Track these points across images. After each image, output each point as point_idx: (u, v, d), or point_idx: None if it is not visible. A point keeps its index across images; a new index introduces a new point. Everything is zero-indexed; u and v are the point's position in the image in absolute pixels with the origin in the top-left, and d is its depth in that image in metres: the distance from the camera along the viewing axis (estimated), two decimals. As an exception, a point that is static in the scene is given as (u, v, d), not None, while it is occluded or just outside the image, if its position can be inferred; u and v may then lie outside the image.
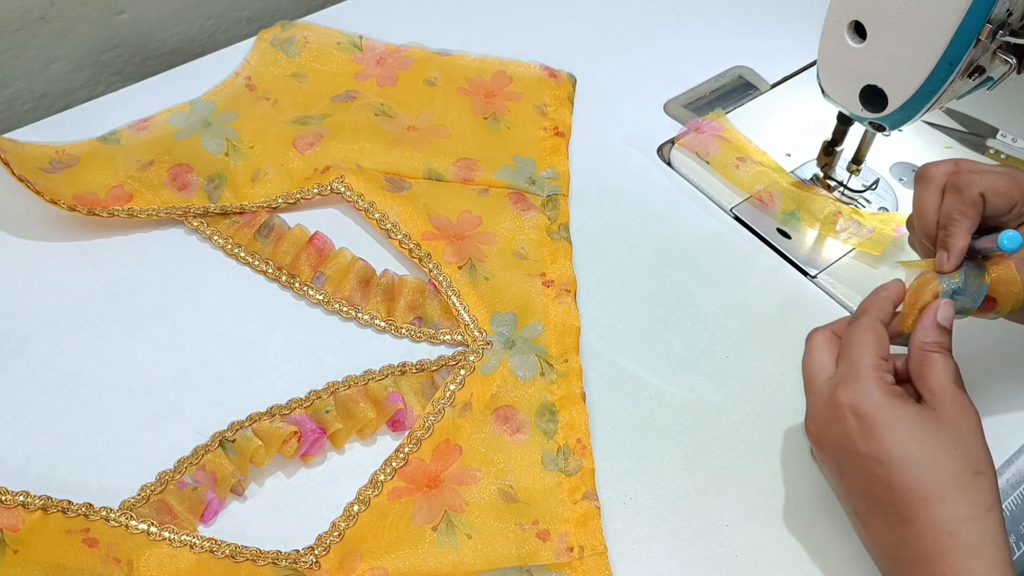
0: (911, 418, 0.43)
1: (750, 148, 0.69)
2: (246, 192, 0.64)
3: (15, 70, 0.74)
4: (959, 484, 0.42)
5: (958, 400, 0.44)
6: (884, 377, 0.45)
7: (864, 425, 0.44)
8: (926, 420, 0.43)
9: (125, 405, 0.55)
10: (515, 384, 0.56)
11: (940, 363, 0.45)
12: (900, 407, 0.44)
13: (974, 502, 0.41)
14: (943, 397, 0.44)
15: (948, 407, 0.44)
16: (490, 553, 0.50)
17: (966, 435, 0.43)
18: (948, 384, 0.45)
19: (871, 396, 0.44)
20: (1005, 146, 0.71)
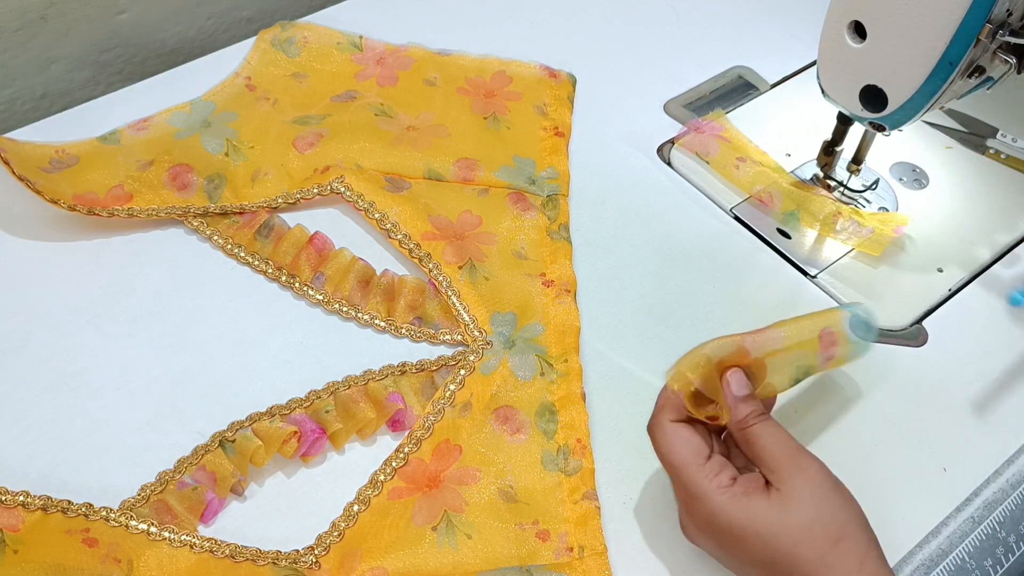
0: (763, 515, 0.44)
1: (750, 148, 0.69)
2: (246, 192, 0.64)
3: (15, 70, 0.74)
4: (826, 562, 0.43)
5: (796, 466, 0.45)
6: (719, 481, 0.45)
7: (728, 538, 0.45)
8: (776, 510, 0.44)
9: (125, 405, 0.55)
10: (515, 384, 0.56)
11: (762, 433, 0.46)
12: (749, 508, 0.44)
13: (842, 572, 0.43)
14: (781, 470, 0.45)
15: (788, 480, 0.44)
16: (490, 553, 0.50)
17: (815, 507, 0.44)
18: (779, 452, 0.45)
19: (720, 511, 0.44)
20: (1005, 146, 0.71)
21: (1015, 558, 0.53)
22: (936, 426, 0.56)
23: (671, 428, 0.47)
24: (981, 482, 0.54)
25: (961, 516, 0.53)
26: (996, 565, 0.53)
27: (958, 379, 0.58)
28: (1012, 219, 0.67)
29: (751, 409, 0.47)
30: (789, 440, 0.46)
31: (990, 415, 0.57)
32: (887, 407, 0.57)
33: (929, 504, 0.53)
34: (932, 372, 0.59)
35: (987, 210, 0.68)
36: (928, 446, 0.55)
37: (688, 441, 0.47)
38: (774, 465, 0.45)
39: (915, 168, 0.70)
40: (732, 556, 0.46)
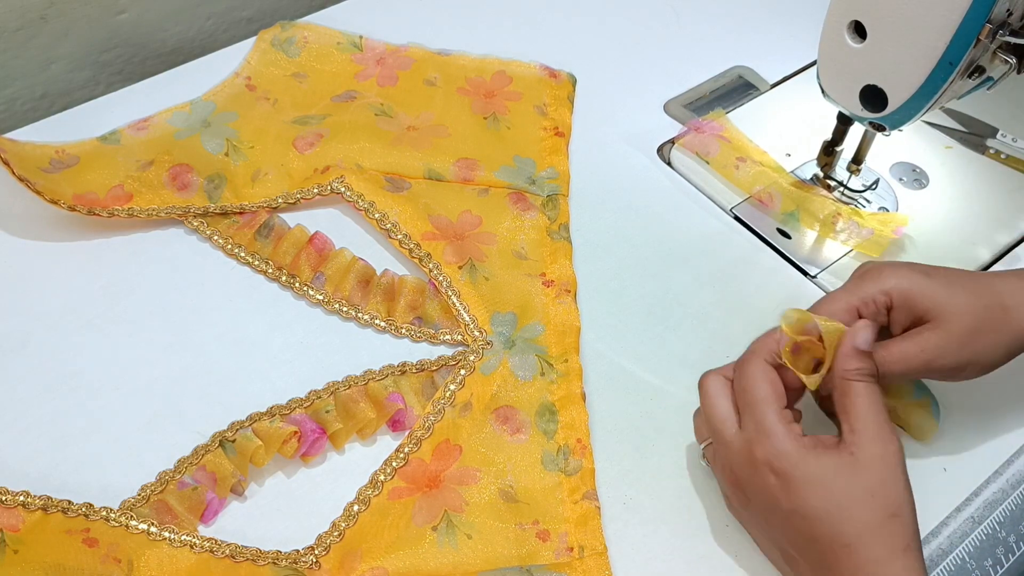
0: (828, 470, 0.44)
1: (750, 148, 0.69)
2: (246, 192, 0.64)
3: (15, 70, 0.74)
4: (876, 530, 0.43)
5: (879, 436, 0.44)
6: (792, 428, 0.45)
7: (783, 482, 0.44)
8: (842, 469, 0.44)
9: (125, 405, 0.55)
10: (515, 384, 0.56)
11: (863, 393, 0.45)
12: (816, 460, 0.44)
13: (890, 545, 0.43)
14: (864, 434, 0.44)
15: (868, 445, 0.44)
16: (490, 553, 0.50)
17: (883, 476, 0.44)
18: (870, 418, 0.44)
19: (786, 454, 0.44)
20: (1005, 146, 0.71)
21: (1015, 558, 0.53)
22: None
23: (762, 365, 0.47)
24: (981, 482, 0.54)
25: (961, 516, 0.53)
26: (996, 565, 0.53)
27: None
28: (1012, 219, 0.67)
29: (865, 365, 0.45)
30: (883, 411, 0.45)
31: (990, 415, 0.57)
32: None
33: (929, 504, 0.53)
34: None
35: (987, 210, 0.68)
36: (928, 446, 0.55)
37: (774, 383, 0.46)
38: (860, 426, 0.44)
39: (915, 168, 0.70)
40: (778, 508, 0.44)
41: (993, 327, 0.48)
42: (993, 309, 0.48)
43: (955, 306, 0.48)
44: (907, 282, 0.49)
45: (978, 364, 0.48)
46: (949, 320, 0.48)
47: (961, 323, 0.48)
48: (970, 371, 0.49)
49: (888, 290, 0.49)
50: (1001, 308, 0.48)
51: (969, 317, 0.48)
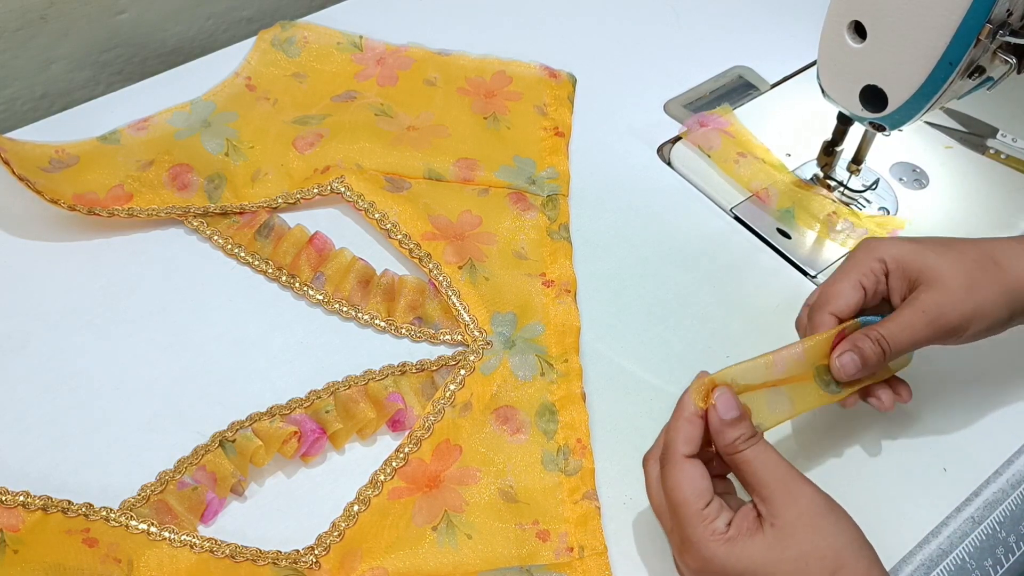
0: (757, 556, 0.43)
1: (754, 144, 0.69)
2: (246, 192, 0.64)
3: (15, 70, 0.74)
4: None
5: (788, 496, 0.43)
6: (717, 527, 0.44)
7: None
8: (771, 549, 0.43)
9: (125, 405, 0.55)
10: (515, 384, 0.56)
11: (751, 458, 0.44)
12: (743, 551, 0.43)
13: None
14: (773, 500, 0.43)
15: (781, 511, 0.43)
16: (490, 553, 0.50)
17: (810, 536, 0.43)
18: (770, 480, 0.44)
19: (711, 558, 0.43)
20: (1005, 146, 0.71)
21: (1015, 558, 0.53)
22: (936, 426, 0.56)
23: (683, 463, 0.45)
24: (981, 482, 0.54)
25: (961, 516, 0.53)
26: (996, 565, 0.53)
27: (958, 379, 0.58)
28: (1012, 219, 0.67)
29: (739, 433, 0.45)
30: (780, 465, 0.44)
31: (990, 415, 0.57)
32: (887, 407, 0.57)
33: (929, 504, 0.53)
34: (932, 372, 0.59)
35: (987, 210, 0.68)
36: (928, 446, 0.55)
37: (694, 481, 0.45)
38: (765, 494, 0.44)
39: (915, 168, 0.70)
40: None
41: (987, 279, 0.48)
42: (984, 263, 0.49)
43: (946, 263, 0.48)
44: (896, 248, 0.50)
45: (982, 317, 0.48)
46: (943, 277, 0.48)
47: (955, 278, 0.48)
48: (976, 326, 0.48)
49: (881, 257, 0.50)
50: (992, 262, 0.49)
51: (961, 272, 0.48)
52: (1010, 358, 0.60)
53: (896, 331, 0.48)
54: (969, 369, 0.59)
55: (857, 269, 0.50)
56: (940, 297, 0.48)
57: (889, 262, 0.50)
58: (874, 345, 0.48)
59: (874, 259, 0.50)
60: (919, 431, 0.56)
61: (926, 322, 0.48)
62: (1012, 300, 0.49)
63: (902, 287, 0.50)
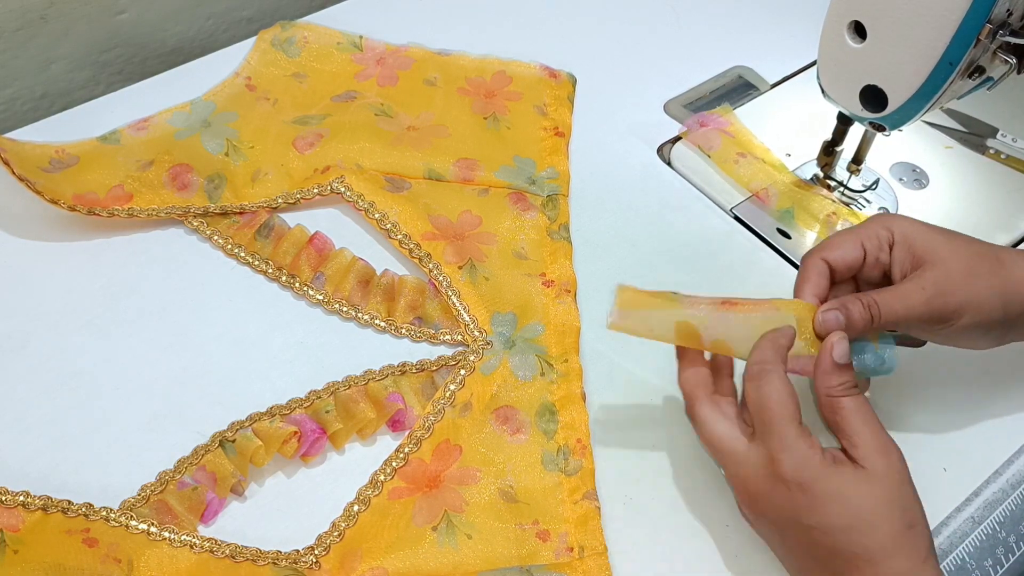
0: (849, 485, 0.44)
1: (754, 144, 0.69)
2: (246, 192, 0.64)
3: (15, 70, 0.74)
4: (898, 542, 0.43)
5: (883, 448, 0.45)
6: (813, 443, 0.45)
7: (807, 498, 0.44)
8: (861, 483, 0.44)
9: (125, 405, 0.55)
10: (515, 384, 0.56)
11: (852, 407, 0.45)
12: (838, 475, 0.44)
13: (912, 556, 0.43)
14: (866, 448, 0.45)
15: (874, 459, 0.44)
16: (490, 553, 0.50)
17: (897, 488, 0.44)
18: (867, 432, 0.45)
19: (810, 468, 0.44)
20: (1005, 146, 0.71)
21: (1015, 558, 0.53)
22: (936, 426, 0.56)
23: (781, 380, 0.46)
24: (981, 482, 0.54)
25: (961, 516, 0.53)
26: (996, 565, 0.53)
27: (958, 379, 0.58)
28: (1012, 219, 0.67)
29: (846, 379, 0.46)
30: (876, 420, 0.46)
31: (990, 415, 0.57)
32: (887, 407, 0.57)
33: (929, 504, 0.53)
34: (932, 372, 0.59)
35: (987, 210, 0.68)
36: (928, 446, 0.55)
37: (793, 397, 0.46)
38: (859, 441, 0.45)
39: (915, 168, 0.70)
40: (798, 522, 0.44)
41: (988, 273, 0.49)
42: (988, 257, 0.50)
43: (952, 249, 0.49)
44: (907, 223, 0.50)
45: (976, 309, 0.49)
46: (947, 260, 0.49)
47: (958, 263, 0.49)
48: (968, 317, 0.49)
49: (890, 226, 0.50)
50: (996, 259, 0.50)
51: (965, 259, 0.49)
52: (1010, 358, 0.60)
53: (891, 301, 0.48)
54: (969, 369, 0.59)
55: (864, 231, 0.51)
56: (941, 278, 0.48)
57: (896, 234, 0.50)
58: (864, 309, 0.48)
59: (883, 227, 0.50)
60: (919, 431, 0.56)
61: (924, 300, 0.48)
62: (1008, 301, 0.49)
63: (904, 261, 0.50)
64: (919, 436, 0.56)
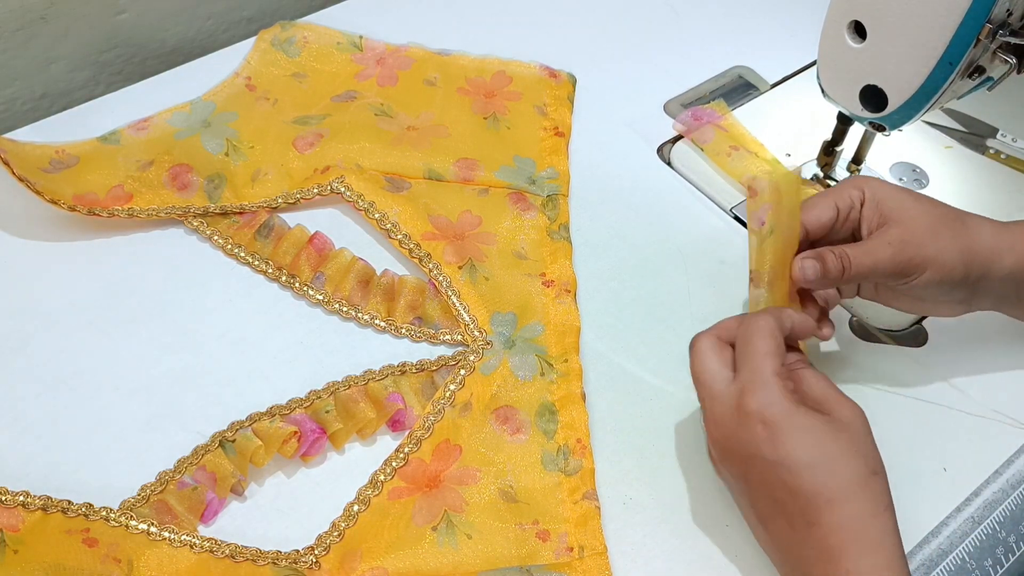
0: (814, 425, 0.45)
1: (747, 139, 0.69)
2: (246, 192, 0.64)
3: (15, 70, 0.74)
4: (861, 485, 0.44)
5: (846, 402, 0.47)
6: (787, 385, 0.46)
7: (772, 433, 0.45)
8: (826, 425, 0.45)
9: (125, 405, 0.55)
10: (515, 384, 0.56)
11: (810, 376, 0.48)
12: (804, 414, 0.45)
13: (874, 501, 0.44)
14: (831, 402, 0.46)
15: (840, 410, 0.46)
16: (490, 553, 0.50)
17: (861, 437, 0.45)
18: (830, 391, 0.47)
19: (777, 404, 0.45)
20: (1005, 146, 0.71)
21: (1015, 558, 0.53)
22: (936, 426, 0.56)
23: (772, 323, 0.48)
24: (981, 482, 0.54)
25: (961, 516, 0.53)
26: (996, 565, 0.53)
27: (958, 379, 0.58)
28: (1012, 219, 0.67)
29: (800, 357, 0.50)
30: (834, 386, 0.48)
31: (990, 415, 0.57)
32: (887, 407, 0.57)
33: (929, 504, 0.53)
34: (932, 372, 0.59)
35: (987, 210, 0.67)
36: (928, 446, 0.55)
37: (777, 339, 0.47)
38: (825, 398, 0.47)
39: (915, 168, 0.70)
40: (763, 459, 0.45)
41: (951, 232, 0.51)
42: (952, 220, 0.52)
43: (918, 209, 0.52)
44: (877, 184, 0.53)
45: (939, 265, 0.51)
46: (912, 218, 0.51)
47: (922, 221, 0.51)
48: (931, 273, 0.51)
49: (861, 187, 0.53)
50: (960, 221, 0.52)
51: (929, 219, 0.51)
52: (1010, 358, 0.60)
53: (859, 254, 0.51)
54: (969, 369, 0.59)
55: (837, 193, 0.53)
56: (905, 234, 0.51)
57: (867, 192, 0.52)
58: (836, 260, 0.51)
59: (854, 187, 0.53)
60: (919, 431, 0.56)
61: (889, 255, 0.50)
62: (969, 261, 0.51)
63: (872, 218, 0.52)
64: (919, 436, 0.56)
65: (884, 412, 0.57)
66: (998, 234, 0.52)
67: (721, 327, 0.50)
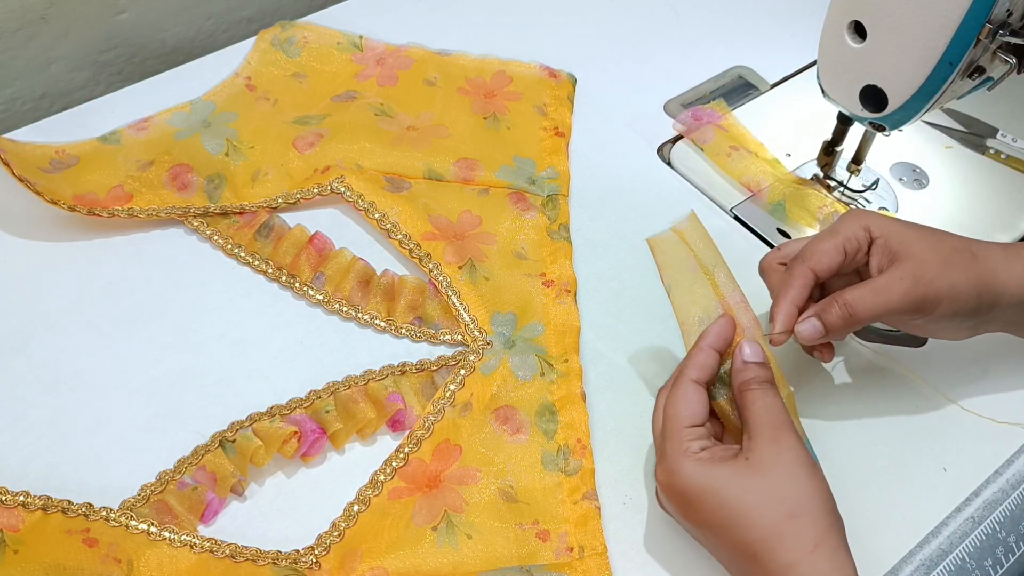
0: (722, 480, 0.45)
1: (748, 139, 0.69)
2: (246, 192, 0.64)
3: (15, 70, 0.74)
4: (778, 533, 0.43)
5: (773, 437, 0.45)
6: (691, 447, 0.46)
7: (684, 500, 0.46)
8: (737, 476, 0.45)
9: (125, 405, 0.55)
10: (515, 384, 0.56)
11: (757, 399, 0.47)
12: (709, 473, 0.45)
13: (795, 547, 0.43)
14: (759, 439, 0.46)
15: (761, 448, 0.45)
16: (490, 553, 0.50)
17: (778, 478, 0.44)
18: (764, 421, 0.46)
19: (678, 473, 0.46)
20: (1005, 146, 0.71)
21: (1015, 558, 0.53)
22: (936, 426, 0.56)
23: (687, 385, 0.48)
24: (981, 482, 0.54)
25: (961, 516, 0.53)
26: (996, 565, 0.53)
27: (958, 379, 0.58)
28: (1012, 219, 0.67)
29: (756, 374, 0.48)
30: (779, 413, 0.47)
31: (990, 415, 0.57)
32: (887, 407, 0.57)
33: (929, 504, 0.53)
34: (932, 372, 0.59)
35: (987, 210, 0.68)
36: (928, 446, 0.55)
37: (690, 404, 0.48)
38: (755, 431, 0.46)
39: (915, 168, 0.70)
40: (689, 520, 0.46)
41: (962, 264, 0.50)
42: (961, 250, 0.51)
43: (926, 243, 0.50)
44: (882, 221, 0.51)
45: (953, 298, 0.50)
46: (922, 252, 0.50)
47: (933, 255, 0.50)
48: (945, 307, 0.50)
49: (867, 226, 0.51)
50: (968, 252, 0.51)
51: (940, 252, 0.50)
52: (1010, 357, 0.60)
53: (867, 296, 0.49)
54: (969, 369, 0.59)
55: (843, 233, 0.52)
56: (917, 270, 0.50)
57: (874, 231, 0.51)
58: (840, 310, 0.49)
59: (860, 227, 0.51)
60: (919, 431, 0.56)
61: (902, 291, 0.49)
62: (981, 291, 0.50)
63: (882, 257, 0.51)
64: (919, 436, 0.56)
65: (884, 412, 0.57)
66: (1007, 261, 0.51)
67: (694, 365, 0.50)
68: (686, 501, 0.45)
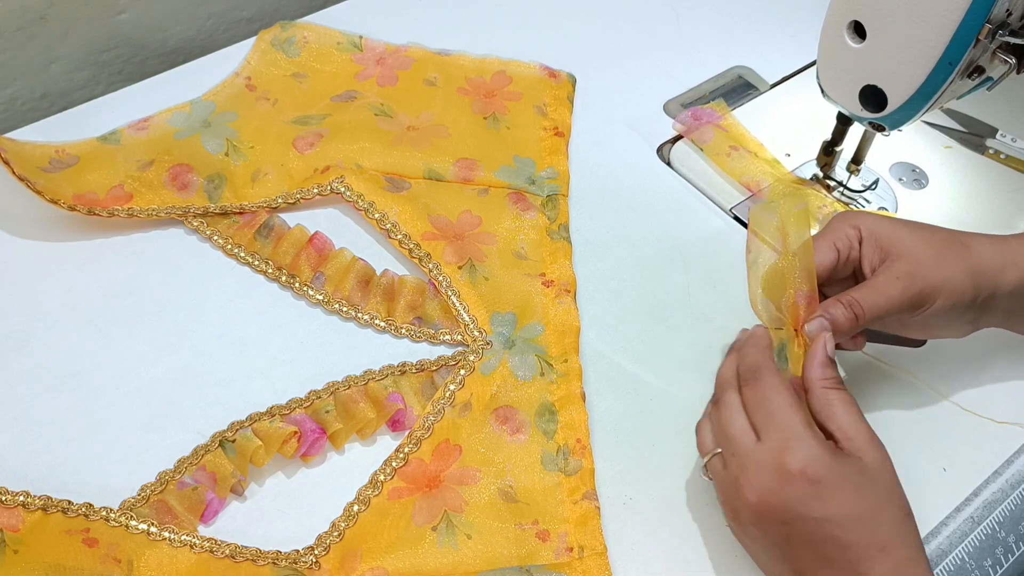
0: (854, 475, 0.44)
1: (747, 139, 0.69)
2: (246, 192, 0.64)
3: (15, 70, 0.74)
4: (902, 529, 0.44)
5: (873, 441, 0.46)
6: (820, 435, 0.45)
7: (818, 490, 0.44)
8: (863, 474, 0.45)
9: (125, 405, 0.55)
10: (515, 384, 0.56)
11: (842, 401, 0.47)
12: (843, 465, 0.45)
13: (913, 543, 0.44)
14: (860, 441, 0.45)
15: (869, 451, 0.45)
16: (490, 553, 0.50)
17: (891, 480, 0.46)
18: (860, 426, 0.46)
19: (819, 459, 0.44)
20: (1005, 146, 0.71)
21: (1015, 558, 0.53)
22: (935, 426, 0.56)
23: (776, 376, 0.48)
24: (981, 482, 0.54)
25: (961, 516, 0.53)
26: (996, 565, 0.53)
27: (957, 379, 0.58)
28: (1012, 219, 0.67)
29: (835, 374, 0.48)
30: (863, 415, 0.47)
31: (990, 415, 0.57)
32: (886, 407, 0.57)
33: (929, 504, 0.53)
34: (931, 372, 0.59)
35: (987, 210, 0.68)
36: (927, 446, 0.55)
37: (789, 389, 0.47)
38: (852, 433, 0.46)
39: (915, 168, 0.70)
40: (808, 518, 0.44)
41: (954, 256, 0.51)
42: (952, 243, 0.51)
43: (918, 238, 0.51)
44: (871, 219, 0.52)
45: (949, 291, 0.50)
46: (914, 249, 0.51)
47: (925, 251, 0.50)
48: (943, 300, 0.50)
49: (856, 225, 0.52)
50: (960, 244, 0.51)
51: (932, 247, 0.51)
52: (1009, 357, 0.60)
53: (870, 296, 0.50)
54: (969, 369, 0.59)
55: (833, 233, 0.52)
56: (912, 267, 0.50)
57: (863, 230, 0.52)
58: (847, 310, 0.50)
59: (850, 226, 0.52)
60: (918, 431, 0.56)
61: (900, 289, 0.50)
62: (977, 281, 0.51)
63: (873, 255, 0.51)
64: (919, 436, 0.56)
65: (884, 412, 0.57)
66: (999, 250, 0.52)
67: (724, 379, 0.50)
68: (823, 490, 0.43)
